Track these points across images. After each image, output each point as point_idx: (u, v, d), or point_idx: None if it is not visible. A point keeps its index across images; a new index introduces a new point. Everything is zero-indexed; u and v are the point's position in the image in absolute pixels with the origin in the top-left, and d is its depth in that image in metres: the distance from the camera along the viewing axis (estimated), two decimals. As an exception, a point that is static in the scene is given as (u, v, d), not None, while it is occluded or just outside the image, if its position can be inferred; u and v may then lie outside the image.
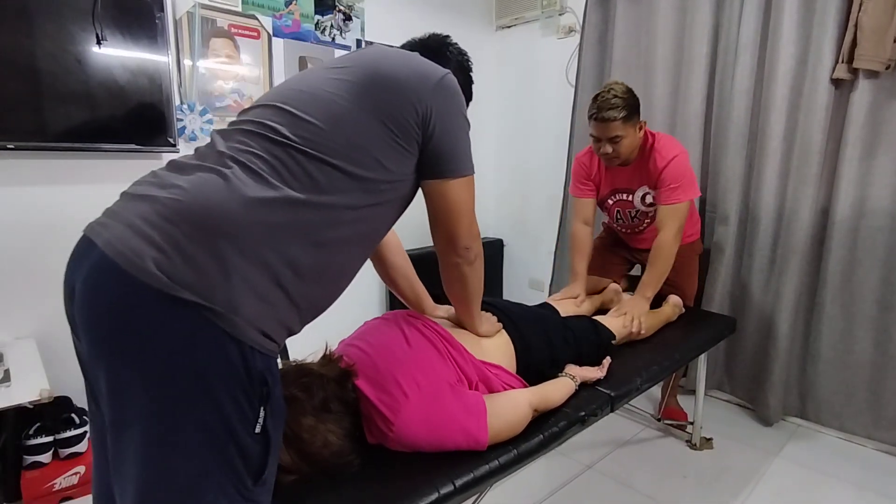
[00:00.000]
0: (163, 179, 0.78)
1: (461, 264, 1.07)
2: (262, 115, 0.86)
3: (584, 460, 2.01)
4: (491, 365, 1.21)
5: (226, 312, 0.71)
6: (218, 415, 0.71)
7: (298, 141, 0.82)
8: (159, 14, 1.95)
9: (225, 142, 0.83)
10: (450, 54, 1.14)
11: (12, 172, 1.80)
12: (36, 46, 1.72)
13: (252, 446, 0.75)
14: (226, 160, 0.79)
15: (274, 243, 0.76)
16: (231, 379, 0.72)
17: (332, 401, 0.98)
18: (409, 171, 0.94)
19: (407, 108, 0.89)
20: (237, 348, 0.72)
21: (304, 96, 0.88)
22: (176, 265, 0.70)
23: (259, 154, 0.80)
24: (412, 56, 0.99)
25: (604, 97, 1.75)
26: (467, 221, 1.02)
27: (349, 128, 0.85)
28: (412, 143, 0.91)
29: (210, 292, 0.71)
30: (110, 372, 0.72)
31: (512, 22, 3.18)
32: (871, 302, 2.02)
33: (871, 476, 1.91)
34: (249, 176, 0.78)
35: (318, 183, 0.81)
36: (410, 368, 1.05)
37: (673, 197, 1.81)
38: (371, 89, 0.88)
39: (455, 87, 0.97)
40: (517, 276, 3.39)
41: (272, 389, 0.77)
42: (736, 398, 2.44)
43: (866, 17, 1.86)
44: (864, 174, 2.00)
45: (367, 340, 1.13)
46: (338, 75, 0.90)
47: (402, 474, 0.99)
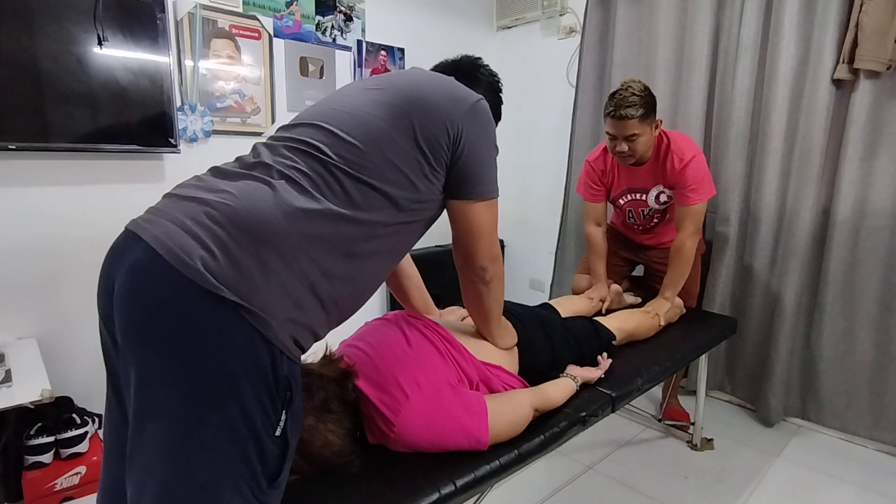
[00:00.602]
0: (210, 184, 0.82)
1: (476, 283, 1.11)
2: (307, 133, 0.90)
3: (585, 461, 2.01)
4: (492, 365, 1.21)
5: (262, 314, 0.73)
6: (243, 414, 0.73)
7: (339, 160, 0.86)
8: (160, 15, 1.95)
9: (272, 155, 0.87)
10: (481, 76, 1.20)
11: (14, 173, 1.80)
12: (37, 47, 1.72)
13: (271, 448, 0.77)
14: (273, 172, 0.84)
15: (312, 253, 0.80)
16: (259, 380, 0.74)
17: (333, 401, 0.98)
18: (438, 192, 0.98)
19: (440, 130, 0.94)
20: (268, 351, 0.74)
21: (345, 117, 0.92)
22: (221, 265, 0.73)
23: (303, 170, 0.85)
24: (447, 80, 1.03)
25: (621, 95, 1.75)
26: (487, 243, 1.06)
27: (386, 149, 0.90)
28: (441, 164, 0.96)
29: (250, 294, 0.73)
30: (143, 363, 0.73)
31: (513, 22, 3.19)
32: (872, 302, 2.02)
33: (873, 477, 1.91)
34: (294, 189, 0.82)
35: (356, 200, 0.86)
36: (411, 369, 1.06)
37: (692, 198, 1.83)
38: (408, 112, 0.92)
39: (486, 113, 1.01)
40: (518, 277, 3.39)
41: (294, 394, 0.79)
42: (737, 399, 2.44)
43: (867, 18, 1.86)
44: (865, 174, 2.00)
45: (368, 341, 1.13)
46: (377, 97, 0.95)
47: (403, 474, 0.99)
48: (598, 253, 2.06)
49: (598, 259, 2.06)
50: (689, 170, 1.81)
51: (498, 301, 1.18)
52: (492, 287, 1.12)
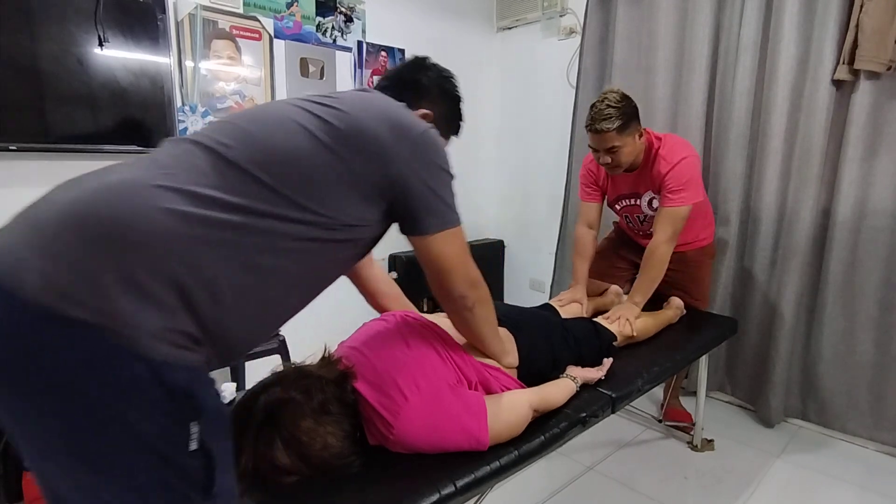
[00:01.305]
0: (80, 181, 0.73)
1: (459, 311, 1.07)
2: (220, 129, 0.83)
3: (586, 461, 2.01)
4: (490, 367, 1.20)
5: (125, 329, 0.64)
6: (137, 441, 0.66)
7: (247, 162, 0.78)
8: (161, 16, 1.96)
9: (171, 149, 0.79)
10: (428, 82, 1.10)
11: (14, 173, 1.80)
12: (38, 48, 1.72)
13: (191, 464, 0.70)
14: (159, 167, 0.75)
15: (189, 259, 0.70)
16: (145, 400, 0.66)
17: (332, 402, 0.98)
18: (372, 218, 0.90)
19: (375, 163, 0.86)
20: (145, 366, 0.65)
21: (270, 121, 0.85)
22: (67, 279, 0.63)
23: (200, 168, 0.76)
24: (392, 105, 0.95)
25: (597, 108, 1.71)
26: (460, 274, 0.99)
27: (308, 164, 0.81)
28: (377, 195, 0.88)
29: (106, 309, 0.63)
30: (10, 407, 0.66)
31: (513, 23, 3.19)
32: (873, 302, 2.02)
33: (873, 477, 1.91)
34: (175, 188, 0.72)
35: (258, 206, 0.76)
36: (410, 370, 1.05)
37: (672, 200, 1.77)
38: (343, 132, 0.85)
39: (430, 142, 0.93)
40: (518, 278, 3.39)
41: (203, 401, 0.71)
42: (737, 399, 2.44)
43: (867, 18, 1.86)
44: (866, 175, 2.00)
45: (366, 342, 1.13)
46: (314, 109, 0.86)
47: (404, 475, 0.99)
48: (583, 254, 2.01)
49: (581, 260, 2.00)
50: (674, 171, 1.76)
51: (488, 322, 1.13)
52: (476, 312, 1.07)
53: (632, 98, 1.77)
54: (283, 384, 0.96)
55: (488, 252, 3.26)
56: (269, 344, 2.02)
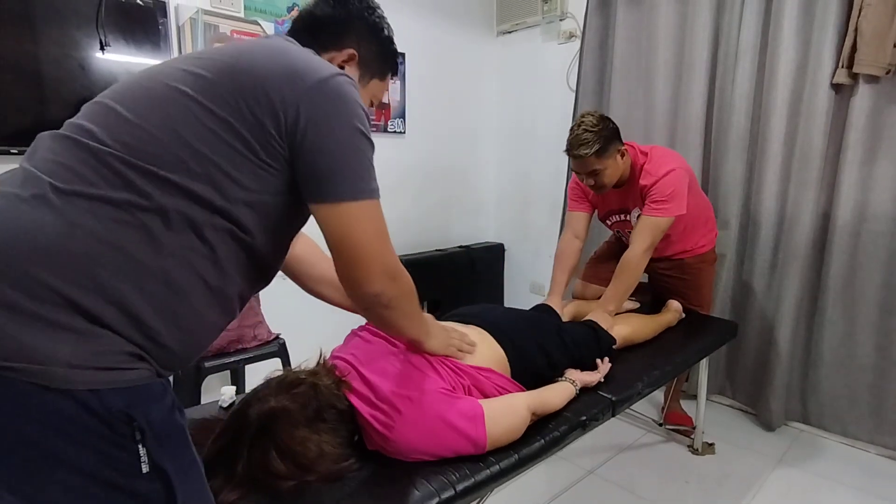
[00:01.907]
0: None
1: (372, 308, 0.88)
2: (86, 114, 0.72)
3: (586, 465, 2.00)
4: (482, 369, 1.19)
5: (31, 365, 0.58)
6: (81, 475, 0.61)
7: (119, 147, 0.67)
8: (162, 20, 1.97)
9: (34, 151, 0.70)
10: (345, 14, 0.93)
11: (15, 177, 1.80)
12: (40, 52, 1.73)
13: (146, 486, 0.65)
14: (27, 178, 0.66)
15: (73, 275, 0.62)
16: (77, 433, 0.61)
17: (326, 410, 0.97)
18: (274, 189, 0.76)
19: (265, 110, 0.72)
20: (69, 399, 0.60)
21: (138, 91, 0.73)
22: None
23: (65, 165, 0.66)
24: (291, 50, 0.80)
25: (575, 133, 1.71)
26: (375, 262, 0.81)
27: (188, 132, 0.70)
28: (274, 155, 0.74)
29: (4, 347, 0.58)
30: None
31: (513, 27, 3.20)
32: (873, 306, 2.02)
33: (874, 481, 1.90)
34: (39, 197, 0.63)
35: (146, 198, 0.67)
36: (401, 381, 1.04)
37: (654, 210, 1.75)
38: (224, 85, 0.72)
39: (343, 90, 0.77)
40: (518, 281, 3.39)
41: (148, 421, 0.65)
42: (738, 403, 2.44)
43: (866, 22, 1.87)
44: (865, 178, 2.00)
45: (355, 354, 1.11)
46: (192, 66, 0.74)
47: (403, 478, 0.99)
48: (563, 262, 1.95)
49: (560, 270, 1.95)
50: (659, 183, 1.74)
51: (409, 314, 0.96)
52: (395, 308, 0.88)
53: (610, 118, 1.77)
54: (276, 392, 0.95)
55: (488, 255, 3.26)
56: (269, 347, 2.02)
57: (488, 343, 1.30)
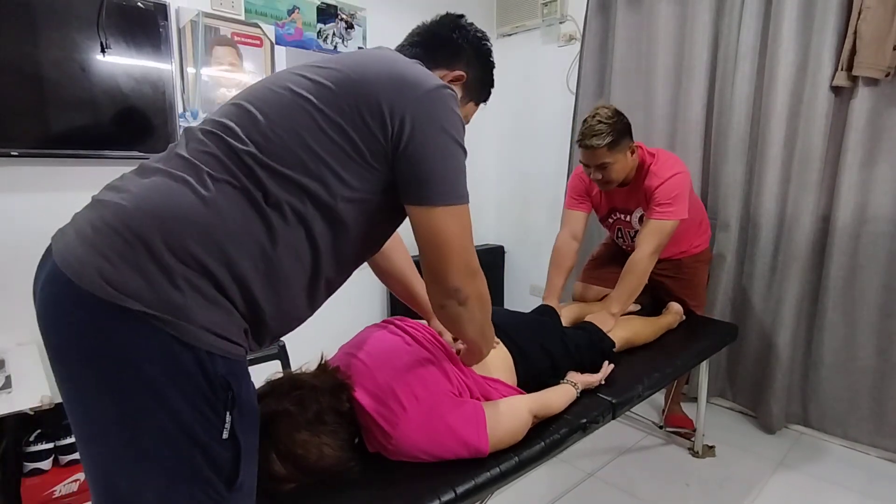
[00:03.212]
0: (122, 183, 0.78)
1: (448, 306, 0.92)
2: (227, 113, 0.82)
3: (586, 468, 2.00)
4: (491, 379, 1.20)
5: (175, 319, 0.69)
6: (178, 424, 0.70)
7: (252, 146, 0.77)
8: (163, 22, 1.97)
9: (187, 142, 0.81)
10: (462, 40, 1.01)
11: (16, 179, 1.81)
12: (41, 54, 1.73)
13: (221, 453, 0.73)
14: (180, 163, 0.77)
15: (213, 250, 0.73)
16: (188, 386, 0.70)
17: (327, 413, 0.97)
18: (374, 189, 0.84)
19: (375, 118, 0.80)
20: (192, 354, 0.70)
21: (270, 96, 0.82)
22: (122, 273, 0.68)
23: (213, 154, 0.77)
24: (401, 61, 0.88)
25: (588, 123, 1.70)
26: (459, 259, 0.87)
27: (308, 135, 0.79)
28: (378, 158, 0.82)
29: (157, 300, 0.69)
30: (67, 385, 0.72)
31: (513, 30, 3.20)
32: (874, 308, 2.02)
33: (875, 484, 1.90)
34: (196, 179, 0.75)
35: (269, 192, 0.76)
36: (409, 380, 1.04)
37: (659, 213, 1.74)
38: (341, 94, 0.80)
39: (445, 102, 0.84)
40: (518, 283, 3.39)
41: (238, 393, 0.74)
42: (738, 406, 2.43)
43: (865, 25, 1.87)
44: (865, 180, 2.00)
45: (366, 350, 1.12)
46: (314, 74, 0.83)
47: (403, 481, 0.99)
48: (560, 265, 1.92)
49: (556, 272, 1.92)
50: (665, 186, 1.74)
51: (476, 321, 0.98)
52: (470, 307, 0.93)
53: (624, 114, 1.76)
54: (277, 395, 0.96)
55: (488, 258, 3.27)
56: (269, 349, 2.02)
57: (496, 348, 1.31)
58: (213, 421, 0.72)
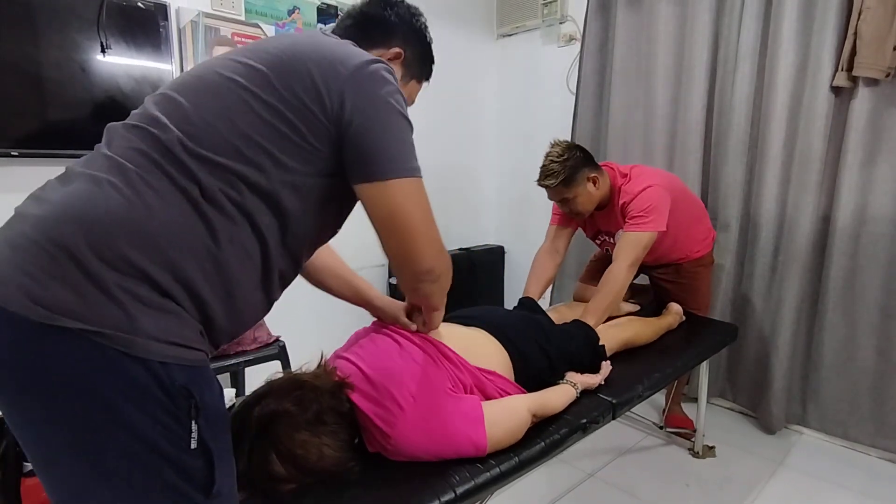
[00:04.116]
0: (43, 193, 0.73)
1: (422, 287, 0.91)
2: (154, 104, 0.78)
3: (586, 468, 2.00)
4: (486, 371, 1.20)
5: (118, 332, 0.65)
6: (140, 441, 0.66)
7: (179, 134, 0.73)
8: (163, 23, 1.97)
9: (111, 141, 0.76)
10: (395, 17, 0.99)
11: (16, 179, 1.80)
12: (41, 55, 1.73)
13: (192, 463, 0.70)
14: (104, 163, 0.72)
15: (150, 252, 0.68)
16: (145, 401, 0.66)
17: (327, 413, 0.97)
18: (319, 171, 0.80)
19: (312, 98, 0.77)
20: (143, 367, 0.66)
21: (196, 83, 0.79)
22: (51, 291, 0.64)
23: (138, 150, 0.73)
24: (330, 41, 0.85)
25: (543, 164, 1.78)
26: (425, 238, 0.84)
27: (241, 119, 0.75)
28: (321, 138, 0.79)
29: (94, 314, 0.64)
30: (12, 414, 0.68)
31: (513, 30, 3.20)
32: (874, 309, 2.02)
33: (875, 484, 1.90)
34: (121, 180, 0.70)
35: (204, 185, 0.72)
36: (404, 379, 1.04)
37: (632, 226, 1.75)
38: (273, 76, 0.77)
39: (381, 75, 0.81)
40: (518, 283, 3.37)
41: (201, 400, 0.71)
42: (738, 406, 2.43)
43: (865, 26, 1.87)
44: (865, 181, 2.00)
45: (358, 353, 1.12)
46: (243, 58, 0.80)
47: (403, 481, 0.99)
48: (540, 276, 1.97)
49: (536, 282, 1.95)
50: (636, 200, 1.75)
51: (445, 290, 0.99)
52: (442, 282, 0.93)
53: (578, 147, 1.80)
54: (277, 395, 0.96)
55: (488, 258, 3.26)
56: (270, 350, 2.02)
57: (493, 346, 1.31)
58: (178, 432, 0.69)
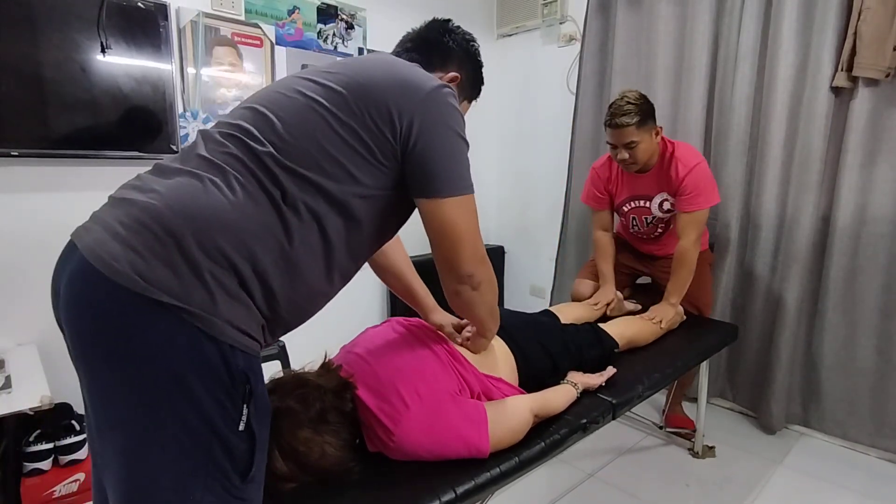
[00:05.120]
0: (144, 183, 0.80)
1: (463, 292, 1.00)
2: (243, 116, 0.86)
3: (586, 468, 2.00)
4: (494, 378, 1.20)
5: (202, 312, 0.72)
6: (199, 414, 0.72)
7: (270, 147, 0.82)
8: (163, 23, 1.97)
9: (205, 144, 0.84)
10: (453, 45, 1.09)
11: (16, 179, 1.81)
12: (41, 55, 1.73)
13: (237, 444, 0.76)
14: (203, 163, 0.81)
15: (242, 249, 0.76)
16: (211, 378, 0.73)
17: (330, 412, 0.97)
18: (385, 185, 0.89)
19: (385, 120, 0.86)
20: (216, 347, 0.73)
21: (283, 100, 0.87)
22: (152, 268, 0.71)
23: (234, 156, 0.81)
24: (402, 65, 0.94)
25: (617, 104, 1.80)
26: (469, 247, 0.94)
27: (321, 137, 0.84)
28: (388, 157, 0.87)
29: (186, 293, 0.71)
30: (92, 375, 0.74)
31: (513, 30, 3.20)
32: (874, 309, 2.02)
33: (875, 484, 1.90)
34: (221, 180, 0.79)
35: (287, 192, 0.81)
36: (411, 377, 1.05)
37: (694, 204, 1.85)
38: (350, 98, 0.86)
39: (446, 101, 0.91)
40: (518, 284, 3.39)
41: (255, 387, 0.77)
42: (738, 406, 2.43)
43: (865, 26, 1.87)
44: (865, 181, 2.00)
45: (368, 348, 1.13)
46: (324, 79, 0.88)
47: (403, 481, 0.99)
48: (604, 255, 2.11)
49: (603, 261, 2.11)
50: (693, 176, 1.84)
51: (487, 303, 1.06)
52: (482, 291, 1.01)
53: (649, 99, 1.85)
54: (281, 392, 0.96)
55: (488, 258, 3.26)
56: (270, 350, 2.02)
57: (502, 350, 1.31)
58: (232, 413, 0.74)
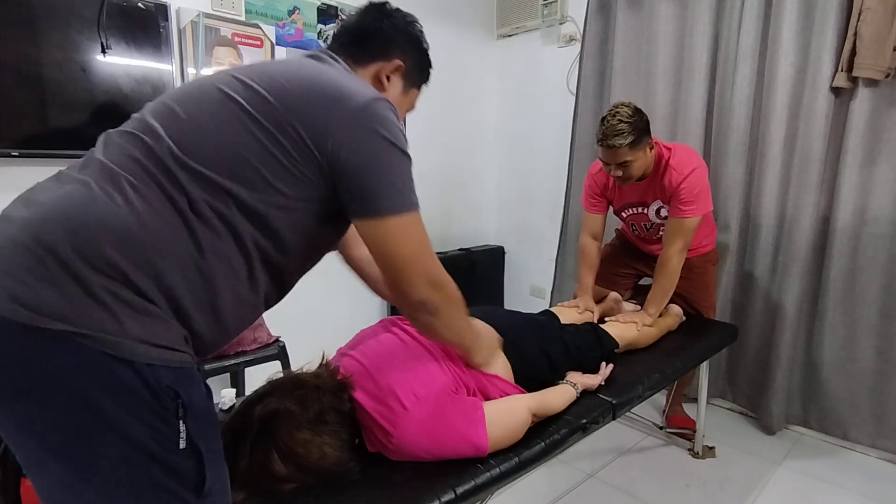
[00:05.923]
0: (32, 195, 0.73)
1: (420, 318, 0.93)
2: (151, 110, 0.79)
3: (586, 468, 2.00)
4: (489, 375, 1.20)
5: (104, 335, 0.65)
6: (129, 443, 0.66)
7: (169, 142, 0.74)
8: (164, 23, 1.97)
9: (105, 147, 0.76)
10: (392, 29, 0.98)
11: (16, 179, 1.80)
12: (41, 55, 1.73)
13: (181, 463, 0.70)
14: (97, 169, 0.73)
15: (135, 259, 0.68)
16: (133, 402, 0.66)
17: (328, 412, 0.97)
18: (309, 197, 0.80)
19: (311, 131, 0.77)
20: (130, 369, 0.66)
21: (196, 94, 0.79)
22: (36, 292, 0.63)
23: (132, 158, 0.73)
24: (334, 75, 0.85)
25: (609, 123, 1.70)
26: (419, 271, 0.85)
27: (235, 138, 0.75)
28: (312, 170, 0.79)
29: (80, 316, 0.64)
30: (1, 418, 0.67)
31: (513, 31, 3.20)
32: (874, 309, 2.02)
33: (875, 485, 1.90)
34: (112, 187, 0.70)
35: (192, 198, 0.72)
36: (408, 379, 1.05)
37: (684, 211, 1.78)
38: (274, 103, 0.77)
39: (381, 114, 0.82)
40: (518, 284, 3.39)
41: (189, 400, 0.71)
42: (738, 406, 2.43)
43: (865, 26, 1.87)
44: (865, 182, 2.00)
45: (363, 351, 1.12)
46: (246, 78, 0.80)
47: (403, 481, 0.99)
48: (589, 264, 2.04)
49: (587, 270, 2.03)
50: (686, 183, 1.76)
51: (453, 327, 1.00)
52: (442, 316, 0.92)
53: (643, 111, 1.77)
54: (279, 394, 0.96)
55: (488, 258, 3.27)
56: (269, 350, 2.02)
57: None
58: (167, 433, 0.69)
